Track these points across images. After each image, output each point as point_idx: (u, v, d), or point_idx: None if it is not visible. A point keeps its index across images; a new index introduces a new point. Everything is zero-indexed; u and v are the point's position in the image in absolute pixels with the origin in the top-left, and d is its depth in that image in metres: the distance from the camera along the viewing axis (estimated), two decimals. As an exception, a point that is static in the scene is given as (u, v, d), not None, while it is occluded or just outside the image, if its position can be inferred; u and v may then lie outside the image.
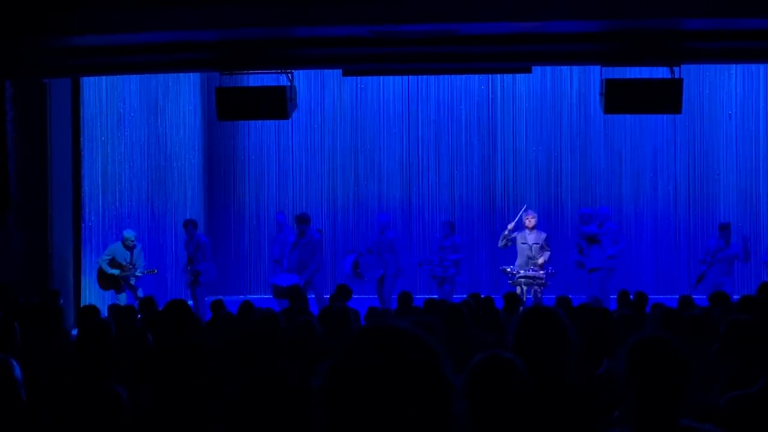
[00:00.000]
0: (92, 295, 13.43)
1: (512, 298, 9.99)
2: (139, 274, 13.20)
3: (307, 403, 4.10)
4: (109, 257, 13.21)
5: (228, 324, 8.23)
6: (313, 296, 13.65)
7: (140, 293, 12.86)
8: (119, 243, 13.33)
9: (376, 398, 1.84)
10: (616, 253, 13.90)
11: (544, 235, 13.79)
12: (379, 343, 1.91)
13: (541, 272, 13.32)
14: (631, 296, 10.17)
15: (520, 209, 14.16)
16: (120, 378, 4.93)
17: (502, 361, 3.22)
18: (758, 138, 16.41)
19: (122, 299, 12.99)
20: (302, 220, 14.08)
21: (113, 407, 4.64)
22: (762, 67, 16.15)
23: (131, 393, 4.71)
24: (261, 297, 15.37)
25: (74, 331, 8.86)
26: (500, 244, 13.83)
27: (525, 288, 13.27)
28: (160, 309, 8.34)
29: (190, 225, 14.01)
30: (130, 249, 13.23)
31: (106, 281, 13.20)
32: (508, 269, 13.54)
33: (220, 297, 11.26)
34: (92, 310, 8.27)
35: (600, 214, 14.23)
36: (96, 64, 11.62)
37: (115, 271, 13.11)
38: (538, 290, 13.28)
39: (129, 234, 13.31)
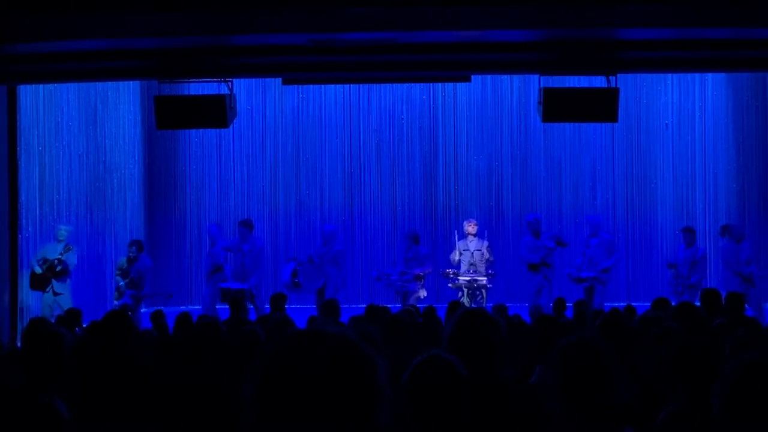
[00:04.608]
0: (31, 308, 13.19)
1: (455, 307, 10.02)
2: (58, 256, 12.77)
3: (238, 409, 4.08)
4: (41, 257, 12.93)
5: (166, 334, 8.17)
6: (253, 307, 13.41)
7: (68, 299, 12.64)
8: (53, 242, 13.14)
9: (301, 401, 1.84)
10: (611, 265, 13.63)
11: (485, 243, 13.86)
12: (304, 347, 1.90)
13: (483, 278, 13.40)
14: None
15: (455, 232, 14.21)
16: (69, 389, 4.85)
17: (442, 361, 3.27)
18: (694, 147, 16.73)
19: (47, 300, 12.72)
20: (245, 224, 13.97)
21: (50, 422, 4.54)
22: (697, 77, 16.46)
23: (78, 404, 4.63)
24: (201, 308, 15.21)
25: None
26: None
27: (468, 294, 13.30)
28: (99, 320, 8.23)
29: (134, 246, 13.71)
30: (61, 242, 12.96)
31: (34, 281, 12.91)
32: (449, 271, 13.59)
33: (160, 308, 11.14)
34: (42, 321, 8.12)
35: (593, 223, 14.00)
36: (32, 72, 11.43)
37: (38, 270, 12.82)
38: (482, 298, 13.31)
39: (62, 227, 13.08)
